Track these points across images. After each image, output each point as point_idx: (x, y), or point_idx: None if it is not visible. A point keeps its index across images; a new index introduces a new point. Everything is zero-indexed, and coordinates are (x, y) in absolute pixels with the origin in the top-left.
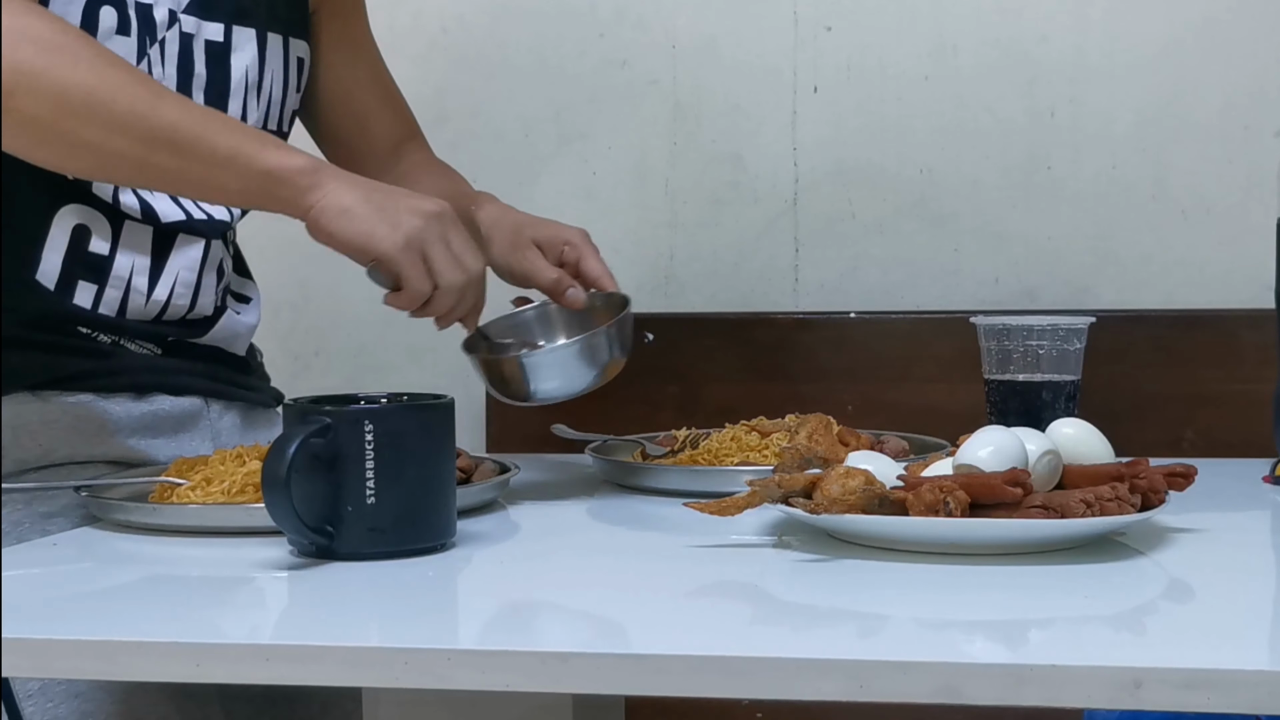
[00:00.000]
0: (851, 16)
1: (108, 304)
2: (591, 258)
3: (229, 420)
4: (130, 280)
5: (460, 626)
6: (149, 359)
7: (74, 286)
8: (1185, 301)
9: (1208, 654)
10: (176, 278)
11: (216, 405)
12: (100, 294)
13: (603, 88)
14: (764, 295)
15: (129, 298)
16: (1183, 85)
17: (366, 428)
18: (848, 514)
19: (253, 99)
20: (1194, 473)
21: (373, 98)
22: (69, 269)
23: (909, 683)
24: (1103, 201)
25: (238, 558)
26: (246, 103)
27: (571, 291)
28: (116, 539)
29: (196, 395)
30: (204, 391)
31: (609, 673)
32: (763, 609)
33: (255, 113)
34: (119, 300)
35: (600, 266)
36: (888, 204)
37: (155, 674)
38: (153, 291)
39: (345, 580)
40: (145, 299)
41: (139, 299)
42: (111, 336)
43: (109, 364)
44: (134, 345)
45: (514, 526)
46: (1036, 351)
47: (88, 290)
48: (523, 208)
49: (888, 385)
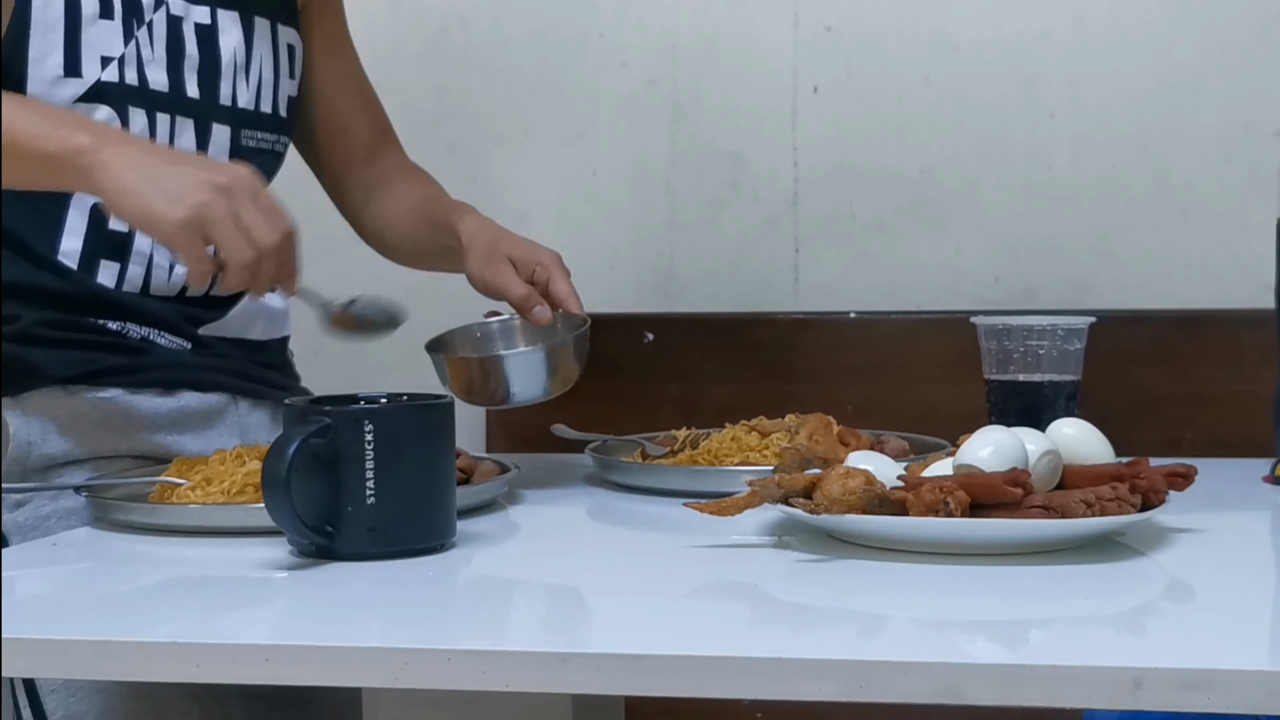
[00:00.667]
0: (851, 16)
1: (130, 282)
2: (561, 279)
3: (257, 417)
4: (151, 255)
5: (460, 626)
6: (178, 354)
7: (96, 266)
8: (1185, 301)
9: (1208, 654)
10: None
11: (245, 402)
12: (123, 272)
13: (603, 88)
14: (764, 295)
15: (151, 274)
16: (1183, 85)
17: (366, 428)
18: (848, 514)
19: (241, 80)
20: (1194, 473)
21: (351, 99)
22: (90, 249)
23: (909, 683)
24: (1103, 201)
25: (238, 558)
26: (236, 83)
27: (538, 309)
28: (116, 539)
29: (224, 392)
30: (232, 388)
31: (609, 673)
32: (763, 609)
33: (246, 94)
34: (142, 277)
35: (568, 288)
36: (888, 204)
37: (155, 674)
38: (175, 264)
39: (345, 580)
40: (168, 274)
41: (161, 275)
42: (141, 332)
43: (139, 360)
44: (164, 340)
45: (514, 526)
46: (1037, 351)
47: (110, 269)
48: (523, 208)
49: (888, 385)
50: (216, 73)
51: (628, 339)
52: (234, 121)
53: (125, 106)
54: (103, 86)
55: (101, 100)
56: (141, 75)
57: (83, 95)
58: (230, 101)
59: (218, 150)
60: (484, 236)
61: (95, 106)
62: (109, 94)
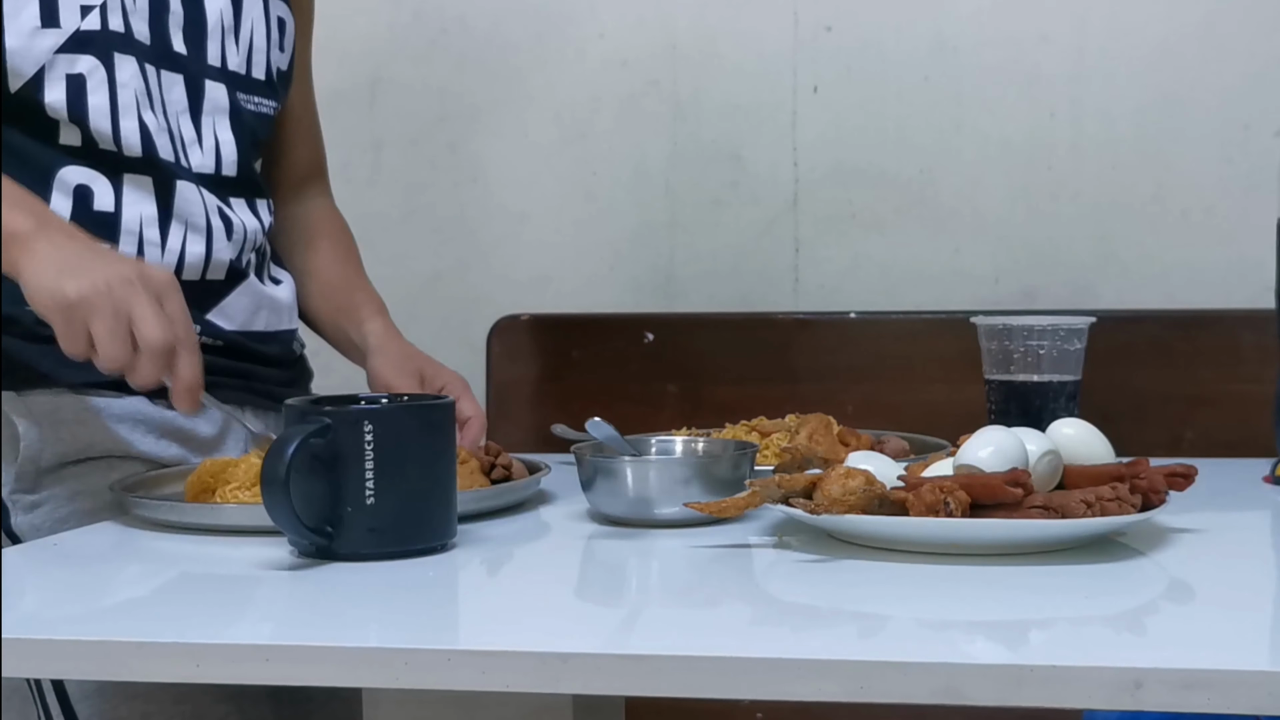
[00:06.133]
0: (851, 16)
1: None
2: (468, 399)
3: (262, 427)
4: (141, 232)
5: (460, 626)
6: None
7: None
8: (1185, 301)
9: (1208, 654)
10: (187, 224)
11: (250, 413)
12: None
13: (603, 88)
14: (764, 295)
15: (144, 251)
16: (1183, 85)
17: (366, 428)
18: (848, 514)
19: (230, 41)
20: (1194, 473)
21: (298, 126)
22: None
23: (909, 683)
24: (1103, 202)
25: (238, 558)
26: (225, 45)
27: None
28: (116, 540)
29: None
30: (238, 401)
31: (609, 673)
32: (763, 609)
33: (236, 56)
34: (134, 256)
35: (474, 408)
36: (888, 204)
37: (155, 674)
38: (166, 240)
39: (345, 580)
40: (160, 251)
41: (154, 251)
42: None
43: None
44: None
45: (514, 526)
46: (1037, 351)
47: None
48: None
49: (888, 385)
50: (202, 31)
51: (628, 339)
52: (229, 82)
53: (110, 54)
54: (84, 35)
55: (84, 50)
56: (126, 23)
57: (63, 45)
58: (220, 62)
59: (215, 108)
60: (392, 348)
61: (78, 57)
62: (92, 42)
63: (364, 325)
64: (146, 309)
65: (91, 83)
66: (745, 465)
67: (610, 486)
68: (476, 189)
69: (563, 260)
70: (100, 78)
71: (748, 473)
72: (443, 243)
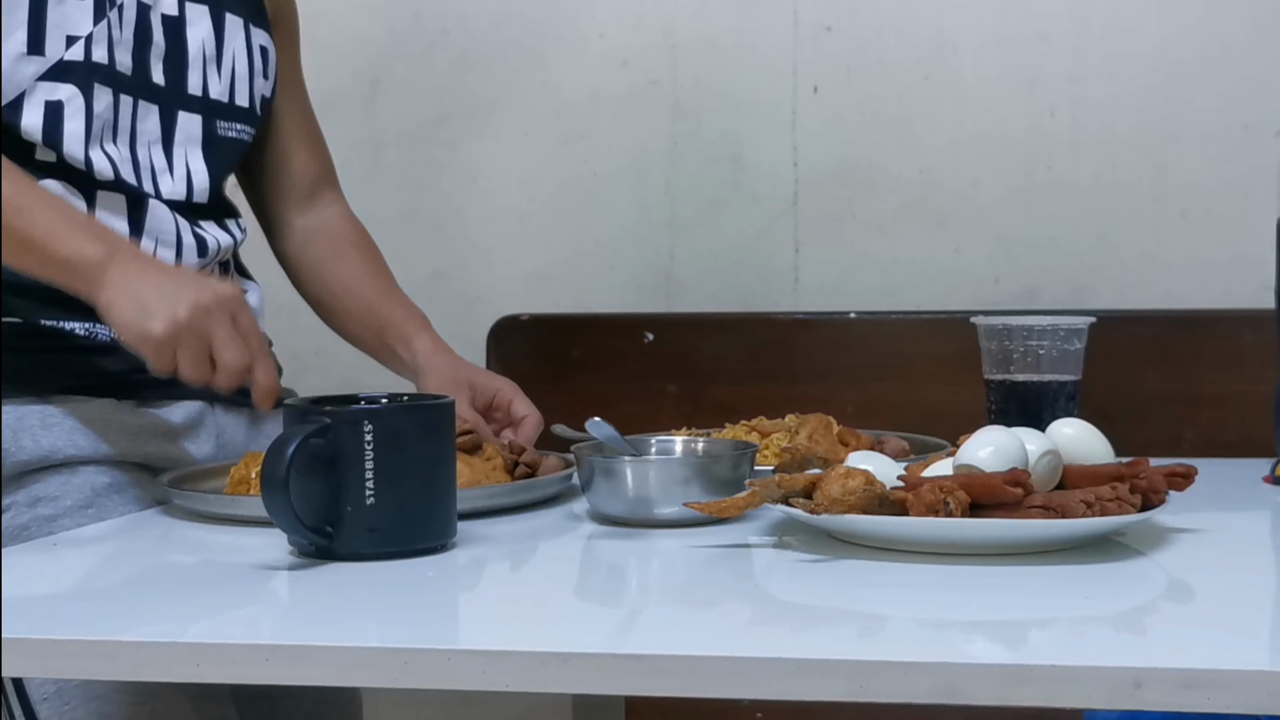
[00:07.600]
0: (851, 16)
1: None
2: (521, 402)
3: (232, 421)
4: None
5: (460, 626)
6: None
7: None
8: (1185, 301)
9: (1208, 654)
10: (157, 240)
11: (220, 408)
12: None
13: (603, 88)
14: (764, 295)
15: None
16: (1183, 85)
17: (366, 428)
18: (848, 514)
19: (213, 71)
20: (1194, 473)
21: (297, 134)
22: None
23: (909, 683)
24: (1103, 201)
25: (238, 557)
26: (207, 74)
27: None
28: (115, 540)
29: (199, 400)
30: (207, 396)
31: (609, 673)
32: (763, 609)
33: (218, 85)
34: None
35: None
36: (888, 204)
37: (155, 674)
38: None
39: (345, 580)
40: None
41: None
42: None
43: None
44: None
45: (514, 526)
46: (1036, 351)
47: None
48: (523, 208)
49: (888, 385)
50: (184, 62)
51: (628, 339)
52: (206, 111)
53: (90, 84)
54: (65, 65)
55: (65, 78)
56: (111, 55)
57: (45, 73)
58: (201, 91)
59: (187, 139)
60: (443, 360)
61: (59, 85)
62: (73, 72)
63: (412, 343)
64: (223, 333)
65: (69, 110)
66: (745, 465)
67: (610, 486)
68: (476, 189)
69: (562, 260)
70: (78, 105)
71: (747, 473)
72: (443, 243)
